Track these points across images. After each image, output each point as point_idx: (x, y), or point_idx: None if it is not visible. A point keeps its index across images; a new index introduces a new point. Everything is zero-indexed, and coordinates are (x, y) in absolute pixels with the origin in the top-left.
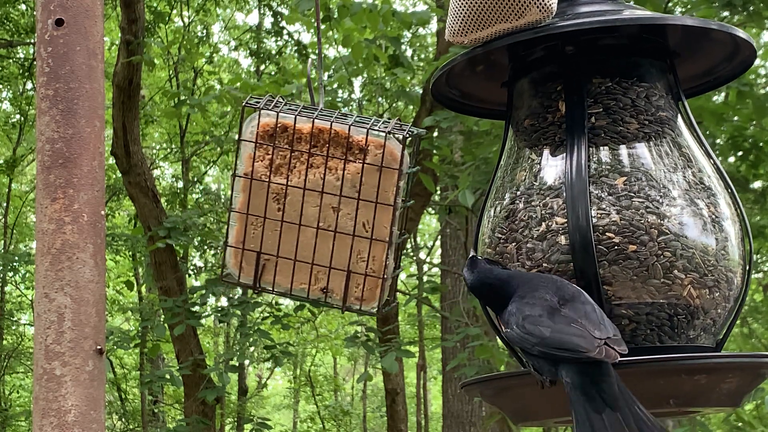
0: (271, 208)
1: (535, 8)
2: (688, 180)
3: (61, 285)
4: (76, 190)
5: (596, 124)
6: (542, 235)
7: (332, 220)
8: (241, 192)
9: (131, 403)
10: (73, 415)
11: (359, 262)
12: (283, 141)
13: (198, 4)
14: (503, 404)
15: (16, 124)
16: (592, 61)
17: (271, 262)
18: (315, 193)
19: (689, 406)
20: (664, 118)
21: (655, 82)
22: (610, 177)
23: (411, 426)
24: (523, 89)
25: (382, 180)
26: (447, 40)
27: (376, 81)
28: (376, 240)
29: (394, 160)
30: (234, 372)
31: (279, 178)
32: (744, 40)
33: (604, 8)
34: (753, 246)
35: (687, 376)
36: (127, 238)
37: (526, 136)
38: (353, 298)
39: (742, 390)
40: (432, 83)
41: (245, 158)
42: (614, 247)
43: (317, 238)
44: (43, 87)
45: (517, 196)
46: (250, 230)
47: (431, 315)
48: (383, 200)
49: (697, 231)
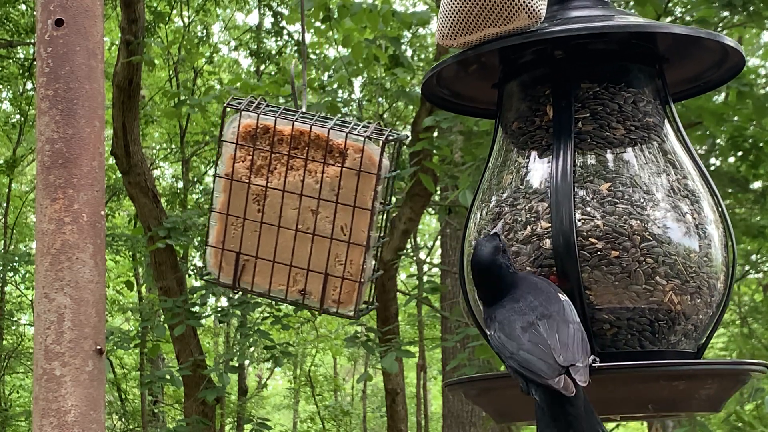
0: (251, 209)
1: (524, 14)
2: (672, 186)
3: (61, 285)
4: (76, 190)
5: (583, 129)
6: (527, 238)
7: (311, 222)
8: (221, 192)
9: (131, 403)
10: (72, 415)
11: (337, 265)
12: (264, 142)
13: (198, 4)
14: (486, 404)
15: (16, 124)
16: (580, 66)
17: (250, 262)
18: (294, 195)
19: (669, 411)
20: (651, 123)
21: (643, 88)
22: (595, 182)
23: (411, 426)
24: (512, 92)
25: (360, 184)
26: (436, 43)
27: (376, 81)
28: (354, 244)
29: (373, 165)
30: (234, 372)
31: (259, 180)
32: (733, 48)
33: (594, 13)
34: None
35: (666, 382)
36: (127, 238)
37: (514, 139)
38: (330, 300)
39: (722, 395)
40: (423, 83)
41: (226, 159)
42: (597, 252)
43: (296, 240)
44: (43, 87)
45: (503, 198)
46: (230, 230)
47: (431, 315)
48: (361, 204)
49: (680, 237)
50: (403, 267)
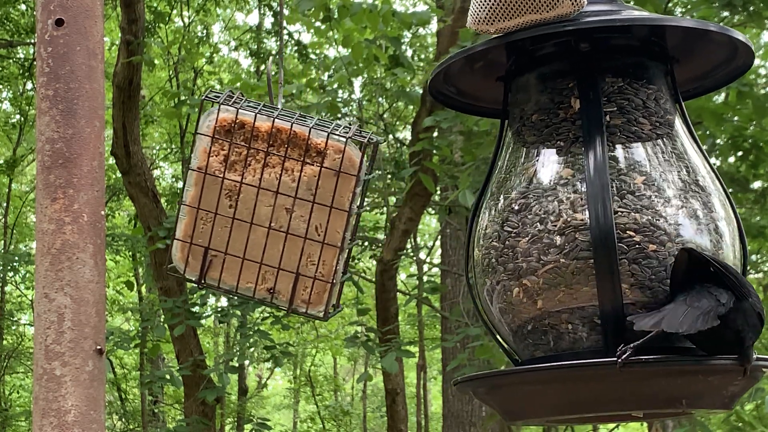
0: (223, 205)
1: (569, 1)
2: (693, 183)
3: (61, 285)
4: (76, 190)
5: (611, 123)
6: (560, 230)
7: (284, 221)
8: (193, 186)
9: (131, 403)
10: (73, 415)
11: (309, 265)
12: (239, 138)
13: (198, 4)
14: (495, 402)
15: (16, 124)
16: (605, 60)
17: (218, 258)
18: (269, 192)
19: (695, 407)
20: (671, 121)
21: (660, 85)
22: (629, 175)
23: (411, 426)
24: (527, 84)
25: (339, 185)
26: (469, 28)
27: (376, 81)
28: (328, 244)
29: (353, 166)
30: (234, 372)
31: (233, 175)
32: (743, 43)
33: (610, 8)
34: (753, 246)
35: (704, 376)
36: (127, 238)
37: (536, 131)
38: (300, 300)
39: (741, 393)
40: (430, 79)
41: (200, 152)
42: (635, 245)
43: (268, 238)
44: (43, 87)
45: (528, 190)
46: (200, 225)
47: (431, 315)
48: (338, 205)
49: (703, 234)
50: (403, 267)
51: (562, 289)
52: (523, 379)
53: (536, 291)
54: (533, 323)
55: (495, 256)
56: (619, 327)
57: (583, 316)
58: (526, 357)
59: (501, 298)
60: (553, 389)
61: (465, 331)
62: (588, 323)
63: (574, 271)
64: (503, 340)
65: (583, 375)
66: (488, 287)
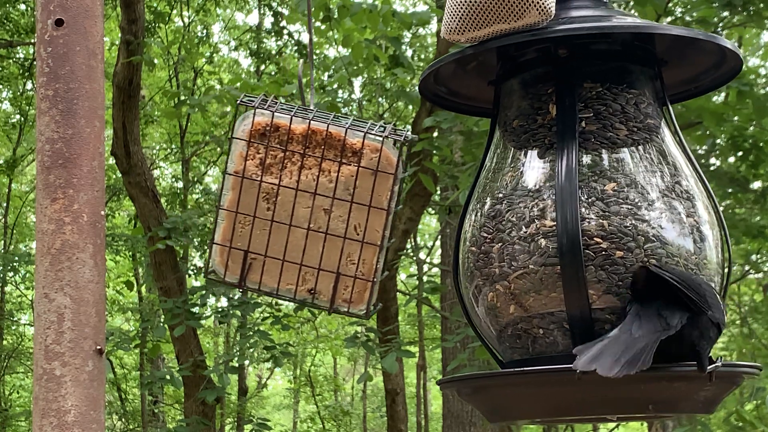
0: (261, 208)
1: (535, 11)
2: (673, 188)
3: (61, 285)
4: (76, 190)
5: (586, 129)
6: (530, 236)
7: (323, 221)
8: (230, 190)
9: (131, 403)
10: (72, 416)
11: (349, 265)
12: (274, 140)
13: (198, 4)
14: (480, 403)
15: (16, 124)
16: (584, 66)
17: (258, 261)
18: (307, 194)
19: (667, 411)
20: (652, 125)
21: (643, 89)
22: (599, 182)
23: (411, 426)
24: (512, 89)
25: (376, 184)
26: (442, 37)
27: (376, 81)
28: (368, 243)
29: (390, 165)
30: (234, 372)
31: (270, 178)
32: (731, 51)
33: (596, 13)
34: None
35: (668, 383)
36: (127, 238)
37: (515, 137)
38: (341, 300)
39: (718, 397)
40: (420, 80)
41: (236, 156)
42: (602, 252)
43: (307, 239)
44: (43, 87)
45: (505, 195)
46: (238, 229)
47: (431, 315)
48: (377, 204)
49: (680, 239)
50: (403, 267)
51: (533, 294)
52: (498, 381)
53: (508, 296)
54: (511, 327)
55: (473, 261)
56: (587, 332)
57: (553, 321)
58: (508, 359)
59: (482, 302)
60: (529, 393)
61: (465, 332)
62: (559, 328)
63: (543, 277)
64: (489, 342)
65: (550, 380)
66: (471, 291)
